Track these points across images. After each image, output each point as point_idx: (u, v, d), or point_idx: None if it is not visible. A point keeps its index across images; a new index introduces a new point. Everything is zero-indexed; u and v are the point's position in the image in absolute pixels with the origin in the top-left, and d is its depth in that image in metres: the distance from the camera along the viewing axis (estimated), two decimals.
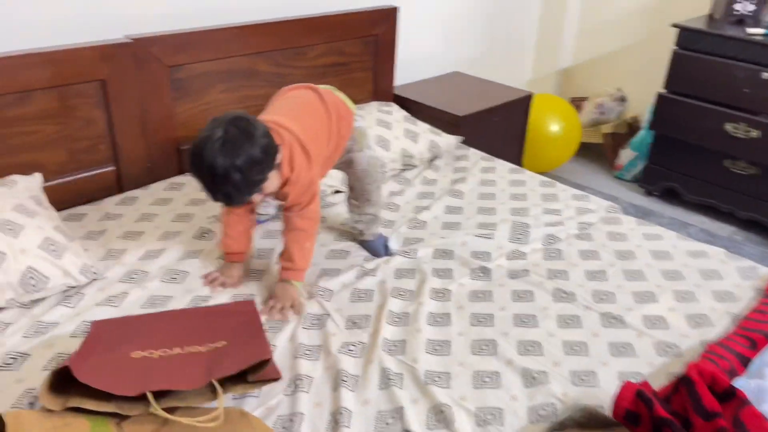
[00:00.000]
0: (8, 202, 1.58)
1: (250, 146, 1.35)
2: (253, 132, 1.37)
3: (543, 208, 2.07)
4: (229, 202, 1.44)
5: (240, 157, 1.33)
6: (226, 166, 1.33)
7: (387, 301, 1.55)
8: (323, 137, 1.61)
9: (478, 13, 3.23)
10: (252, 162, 1.35)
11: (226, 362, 1.15)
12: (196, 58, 2.05)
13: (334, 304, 1.55)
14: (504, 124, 2.84)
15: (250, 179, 1.37)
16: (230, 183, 1.35)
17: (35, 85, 1.73)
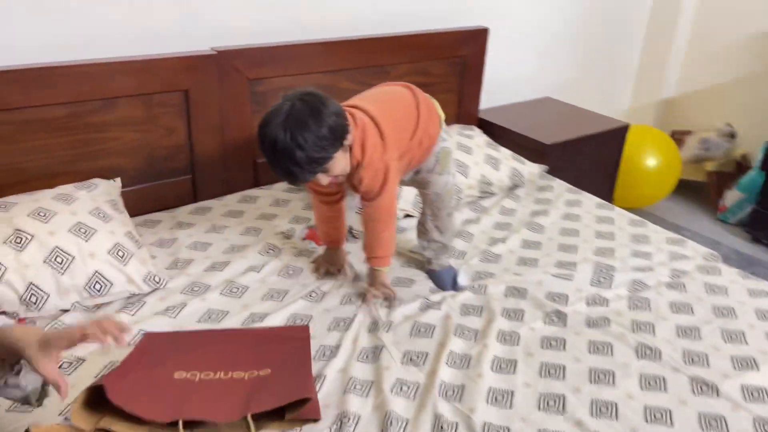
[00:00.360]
0: (86, 205, 1.62)
1: (316, 123, 1.31)
2: (320, 109, 1.33)
3: (631, 250, 1.89)
4: (291, 180, 1.40)
5: (303, 133, 1.30)
6: (287, 141, 1.29)
7: (449, 340, 1.45)
8: (406, 126, 1.56)
9: (575, 35, 3.07)
10: (315, 139, 1.31)
11: (266, 395, 1.09)
12: (278, 72, 2.04)
13: (392, 336, 1.46)
14: (595, 156, 2.66)
15: (312, 157, 1.32)
16: (291, 159, 1.31)
17: (121, 93, 1.77)
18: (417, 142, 1.60)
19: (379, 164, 1.48)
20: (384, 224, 1.56)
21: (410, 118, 1.59)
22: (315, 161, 1.34)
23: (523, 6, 2.77)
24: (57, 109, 1.70)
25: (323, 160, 1.35)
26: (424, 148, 1.63)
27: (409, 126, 1.58)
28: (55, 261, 1.45)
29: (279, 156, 1.32)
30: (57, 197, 1.60)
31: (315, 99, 1.35)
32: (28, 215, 1.50)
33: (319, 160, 1.34)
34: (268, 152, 1.35)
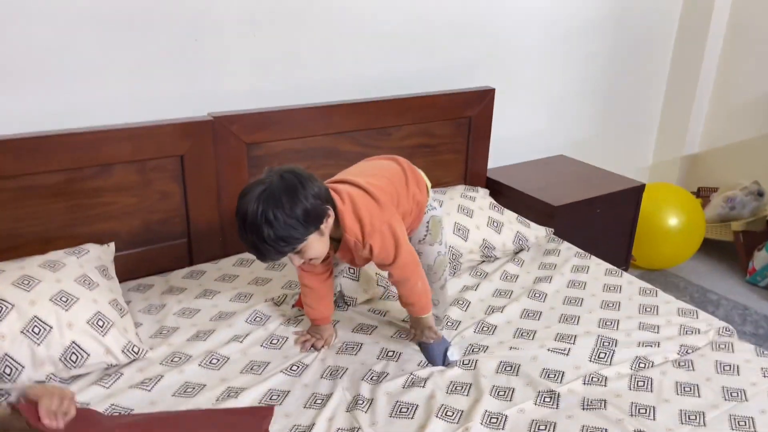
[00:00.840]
0: (72, 272, 1.62)
1: (290, 202, 1.29)
2: (298, 189, 1.31)
3: (638, 322, 1.79)
4: (258, 255, 1.36)
5: (275, 210, 1.28)
6: (257, 215, 1.28)
7: (430, 422, 1.36)
8: (398, 190, 1.55)
9: (591, 92, 3.03)
10: (286, 218, 1.28)
11: None
12: (277, 136, 2.05)
13: (370, 417, 1.39)
14: (609, 217, 2.57)
15: (280, 235, 1.29)
16: (258, 235, 1.29)
17: (116, 159, 1.79)
18: (408, 211, 1.57)
19: (383, 226, 1.45)
20: (415, 277, 1.54)
21: (399, 187, 1.57)
22: (283, 240, 1.31)
23: (532, 64, 2.75)
24: (52, 176, 1.73)
25: (293, 241, 1.32)
26: (413, 216, 1.61)
27: (400, 190, 1.56)
28: (32, 331, 1.44)
29: (248, 229, 1.31)
30: (44, 264, 1.61)
31: (295, 178, 1.34)
32: (12, 283, 1.51)
33: (288, 239, 1.31)
34: (239, 224, 1.33)
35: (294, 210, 1.29)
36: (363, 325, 1.75)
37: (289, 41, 2.09)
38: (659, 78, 3.29)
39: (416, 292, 1.55)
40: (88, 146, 1.74)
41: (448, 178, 2.49)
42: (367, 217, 1.44)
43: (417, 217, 1.62)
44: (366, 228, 1.43)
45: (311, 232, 1.35)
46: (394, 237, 1.46)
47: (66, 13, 1.71)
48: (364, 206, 1.44)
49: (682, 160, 3.38)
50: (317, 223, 1.35)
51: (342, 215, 1.43)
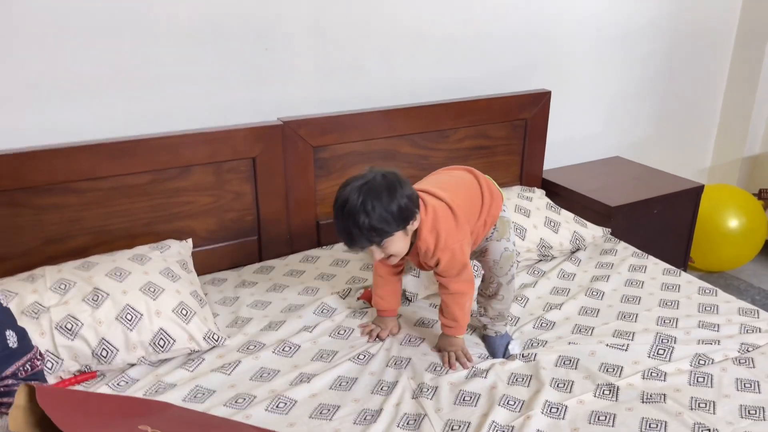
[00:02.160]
0: (157, 265, 1.75)
1: (388, 197, 1.42)
2: (396, 188, 1.45)
3: (698, 320, 1.80)
4: (348, 242, 1.47)
5: (374, 201, 1.41)
6: (357, 203, 1.41)
7: (492, 410, 1.43)
8: (474, 208, 1.64)
9: (647, 93, 3.02)
10: (382, 211, 1.41)
11: None
12: (341, 139, 2.15)
13: (435, 404, 1.46)
14: (666, 218, 2.57)
15: (374, 226, 1.42)
16: (354, 222, 1.42)
17: (194, 161, 1.93)
18: (482, 223, 1.66)
19: (455, 245, 1.55)
20: (467, 296, 1.63)
21: (476, 200, 1.66)
22: (375, 230, 1.43)
23: (588, 66, 2.78)
24: (138, 177, 1.87)
25: (383, 233, 1.44)
26: (488, 226, 1.69)
27: (476, 208, 1.65)
28: (126, 318, 1.58)
29: (345, 216, 1.43)
30: (133, 257, 1.75)
31: (394, 178, 1.47)
32: (106, 274, 1.65)
33: (379, 231, 1.43)
34: (338, 210, 1.46)
35: (390, 205, 1.42)
36: (424, 319, 1.82)
37: (352, 50, 2.20)
38: (719, 78, 3.25)
39: (465, 309, 1.63)
40: (169, 149, 1.89)
41: (504, 179, 2.55)
42: (443, 233, 1.54)
43: (491, 225, 1.69)
44: (440, 243, 1.54)
45: (399, 229, 1.46)
46: (462, 257, 1.57)
47: (149, 27, 1.85)
48: (444, 222, 1.55)
49: (743, 161, 3.33)
50: (405, 223, 1.47)
51: (422, 224, 1.53)
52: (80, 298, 1.58)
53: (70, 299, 1.57)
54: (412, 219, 1.48)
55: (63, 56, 1.76)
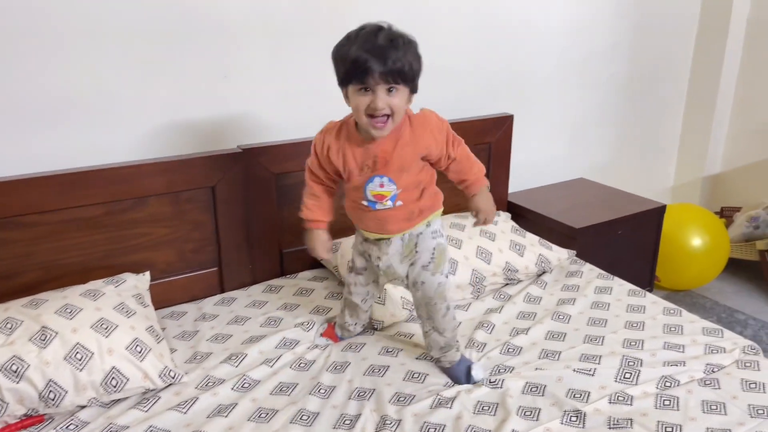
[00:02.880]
0: (111, 300, 1.69)
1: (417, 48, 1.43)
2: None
3: (663, 341, 1.80)
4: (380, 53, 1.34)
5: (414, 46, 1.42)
6: (397, 33, 1.38)
7: None
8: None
9: (610, 116, 3.07)
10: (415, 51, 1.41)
11: None
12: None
13: None
14: (631, 238, 2.59)
15: (415, 52, 1.41)
16: (394, 44, 1.36)
17: (150, 192, 1.88)
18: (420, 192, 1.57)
19: (436, 119, 1.55)
20: (474, 157, 1.64)
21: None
22: (413, 54, 1.40)
23: (550, 90, 2.81)
24: (91, 209, 1.82)
25: (414, 64, 1.40)
26: (423, 213, 1.59)
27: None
28: (75, 357, 1.51)
29: (383, 37, 1.36)
30: (85, 293, 1.69)
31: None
32: (55, 312, 1.58)
33: (414, 59, 1.40)
34: (370, 33, 1.38)
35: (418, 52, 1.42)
36: (389, 348, 1.79)
37: (314, 75, 2.18)
38: (678, 100, 3.32)
39: (470, 157, 1.62)
40: (124, 180, 1.83)
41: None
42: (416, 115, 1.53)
43: (430, 206, 1.61)
44: (417, 119, 1.52)
45: (416, 79, 1.43)
46: (447, 128, 1.56)
47: (102, 55, 1.82)
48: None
49: (704, 180, 3.39)
50: (415, 80, 1.43)
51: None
52: (27, 337, 1.51)
53: (15, 339, 1.50)
54: (415, 89, 1.45)
55: (10, 86, 1.71)
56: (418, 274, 1.61)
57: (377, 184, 1.50)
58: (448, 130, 1.56)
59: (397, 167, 1.48)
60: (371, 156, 1.49)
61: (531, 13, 2.61)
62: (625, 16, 2.91)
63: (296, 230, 2.16)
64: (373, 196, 1.52)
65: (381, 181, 1.50)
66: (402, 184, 1.51)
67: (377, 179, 1.50)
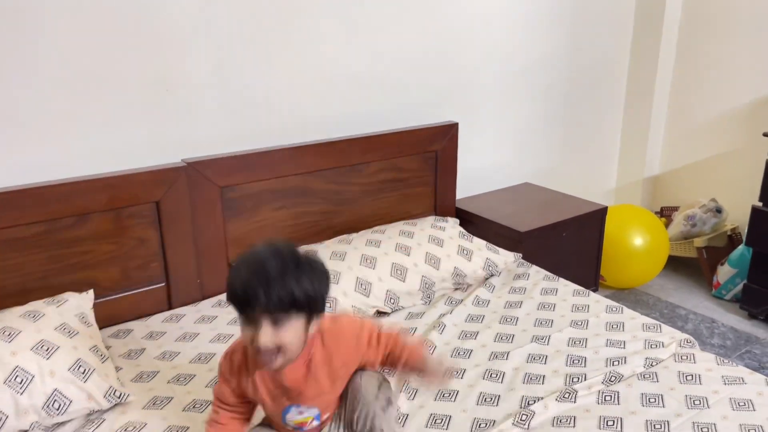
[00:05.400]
0: (52, 321, 1.65)
1: (311, 272, 1.17)
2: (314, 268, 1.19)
3: (606, 339, 1.86)
4: (259, 288, 1.10)
5: (299, 266, 1.15)
6: (276, 264, 1.13)
7: None
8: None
9: (552, 122, 3.16)
10: (307, 280, 1.15)
11: None
12: (250, 178, 2.12)
13: None
14: (575, 240, 2.67)
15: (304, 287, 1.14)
16: (280, 269, 1.12)
17: (92, 209, 1.84)
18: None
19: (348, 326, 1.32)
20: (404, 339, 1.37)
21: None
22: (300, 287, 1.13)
23: (493, 97, 2.87)
24: (29, 228, 1.76)
25: (297, 295, 1.13)
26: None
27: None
28: (15, 381, 1.46)
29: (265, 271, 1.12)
30: (24, 315, 1.64)
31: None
32: None
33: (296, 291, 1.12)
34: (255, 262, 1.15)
35: (313, 280, 1.16)
36: None
37: (258, 87, 2.18)
38: (616, 104, 3.44)
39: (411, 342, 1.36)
40: (63, 198, 1.79)
41: (418, 210, 2.58)
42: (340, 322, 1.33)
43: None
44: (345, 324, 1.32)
45: (307, 313, 1.18)
46: (367, 329, 1.32)
47: (38, 69, 1.77)
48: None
49: (644, 181, 3.52)
50: (313, 310, 1.18)
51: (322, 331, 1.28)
52: None
53: None
54: (318, 313, 1.20)
55: None
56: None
57: (295, 413, 1.30)
58: (368, 333, 1.32)
59: (313, 394, 1.28)
60: (281, 386, 1.27)
61: (473, 23, 2.68)
62: (561, 23, 3.01)
63: (243, 244, 2.16)
64: (295, 424, 1.31)
65: (299, 409, 1.29)
66: (324, 404, 1.31)
67: (294, 408, 1.29)
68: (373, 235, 2.25)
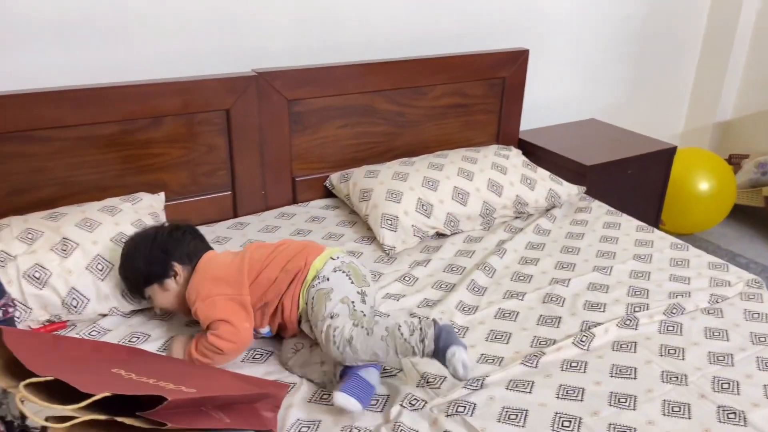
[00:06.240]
0: (129, 216, 1.71)
1: (138, 254, 1.50)
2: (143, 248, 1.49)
3: (670, 274, 1.83)
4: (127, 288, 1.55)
5: (128, 258, 1.51)
6: (122, 253, 1.53)
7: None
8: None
9: (625, 57, 3.03)
10: (129, 265, 1.50)
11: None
12: (317, 93, 2.11)
13: None
14: (639, 178, 2.60)
15: (125, 276, 1.52)
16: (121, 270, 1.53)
17: (166, 112, 1.88)
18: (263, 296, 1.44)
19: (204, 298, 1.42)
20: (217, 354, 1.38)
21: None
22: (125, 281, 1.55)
23: (566, 27, 2.76)
24: (108, 127, 1.82)
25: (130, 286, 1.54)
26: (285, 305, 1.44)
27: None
28: (96, 268, 1.54)
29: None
30: (103, 209, 1.71)
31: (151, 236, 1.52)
32: (75, 225, 1.61)
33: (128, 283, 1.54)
34: None
35: (137, 262, 1.50)
36: None
37: (329, 1, 2.14)
38: (693, 44, 3.27)
39: (205, 356, 1.37)
40: (139, 98, 1.83)
41: (480, 138, 2.54)
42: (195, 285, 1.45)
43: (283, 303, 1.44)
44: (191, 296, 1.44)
45: (146, 285, 1.49)
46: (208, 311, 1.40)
47: None
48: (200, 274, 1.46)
49: (715, 126, 3.37)
50: (150, 281, 1.48)
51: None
52: (48, 247, 1.54)
53: (37, 248, 1.53)
54: (159, 278, 1.47)
55: (25, 0, 1.69)
56: (308, 324, 1.42)
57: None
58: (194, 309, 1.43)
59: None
60: None
61: None
62: None
63: (307, 159, 2.18)
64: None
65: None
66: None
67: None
68: (435, 158, 2.23)
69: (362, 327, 1.29)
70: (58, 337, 1.19)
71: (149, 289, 1.49)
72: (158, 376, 1.09)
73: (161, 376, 1.10)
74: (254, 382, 1.28)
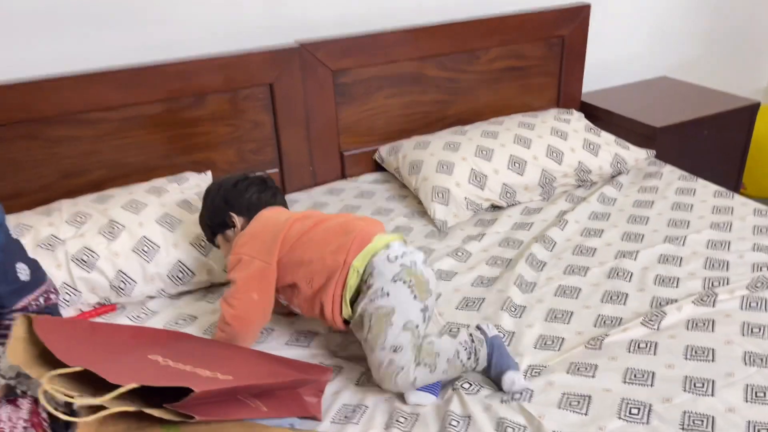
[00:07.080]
0: (175, 197, 1.70)
1: (206, 204, 1.51)
2: (217, 194, 1.48)
3: (753, 243, 1.66)
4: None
5: (202, 207, 1.52)
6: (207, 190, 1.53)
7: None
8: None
9: (697, 7, 2.77)
10: (201, 214, 1.52)
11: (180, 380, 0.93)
12: (363, 62, 2.03)
13: None
14: (717, 139, 2.38)
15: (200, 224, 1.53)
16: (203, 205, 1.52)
17: (209, 89, 1.84)
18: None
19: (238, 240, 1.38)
20: (226, 326, 1.33)
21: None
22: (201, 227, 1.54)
23: None
24: (152, 107, 1.80)
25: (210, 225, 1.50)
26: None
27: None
28: (142, 250, 1.53)
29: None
30: (150, 190, 1.70)
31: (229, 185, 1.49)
32: (122, 207, 1.60)
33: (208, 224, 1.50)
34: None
35: (208, 208, 1.50)
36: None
37: None
38: None
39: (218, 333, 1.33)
40: (182, 76, 1.79)
41: (539, 102, 2.39)
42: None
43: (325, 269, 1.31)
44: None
45: (214, 233, 1.50)
46: (235, 259, 1.34)
47: None
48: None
49: None
50: (216, 229, 1.48)
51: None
52: (96, 230, 1.53)
53: (85, 232, 1.53)
54: (221, 228, 1.47)
55: None
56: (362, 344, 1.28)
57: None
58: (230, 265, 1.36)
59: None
60: None
61: None
62: None
63: (355, 132, 2.11)
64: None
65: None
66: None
67: None
68: (489, 126, 2.11)
69: (425, 365, 1.19)
70: (96, 324, 1.18)
71: (217, 239, 1.49)
72: (196, 362, 1.06)
73: (199, 362, 1.07)
74: (297, 366, 1.23)
